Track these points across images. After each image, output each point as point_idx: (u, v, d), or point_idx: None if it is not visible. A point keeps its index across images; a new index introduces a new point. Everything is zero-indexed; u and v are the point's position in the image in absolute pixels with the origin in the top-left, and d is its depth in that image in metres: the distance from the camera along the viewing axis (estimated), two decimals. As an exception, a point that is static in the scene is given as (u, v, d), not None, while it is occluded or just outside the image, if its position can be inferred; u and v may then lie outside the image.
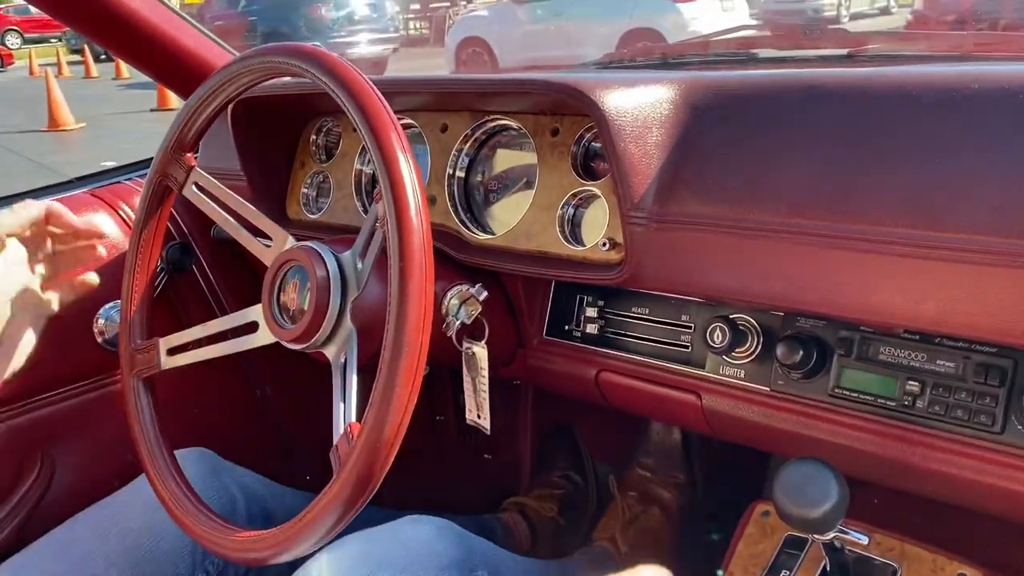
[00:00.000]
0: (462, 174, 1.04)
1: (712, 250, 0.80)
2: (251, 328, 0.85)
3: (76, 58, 16.21)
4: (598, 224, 0.92)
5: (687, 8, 8.40)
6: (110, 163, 0.86)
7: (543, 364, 1.03)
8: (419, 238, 0.69)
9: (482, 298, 0.94)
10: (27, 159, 7.55)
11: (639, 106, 0.84)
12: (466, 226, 1.02)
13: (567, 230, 0.94)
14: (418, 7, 15.13)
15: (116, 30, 1.22)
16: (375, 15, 12.05)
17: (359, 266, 0.79)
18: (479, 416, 1.01)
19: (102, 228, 1.03)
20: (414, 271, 0.68)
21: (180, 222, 1.33)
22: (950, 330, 0.71)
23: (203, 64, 1.27)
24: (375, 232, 0.76)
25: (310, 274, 0.78)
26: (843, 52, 1.13)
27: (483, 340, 0.97)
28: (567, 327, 1.00)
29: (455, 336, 0.95)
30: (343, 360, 0.77)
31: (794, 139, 0.78)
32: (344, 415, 0.73)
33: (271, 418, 1.44)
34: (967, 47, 1.22)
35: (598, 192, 0.92)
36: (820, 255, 0.74)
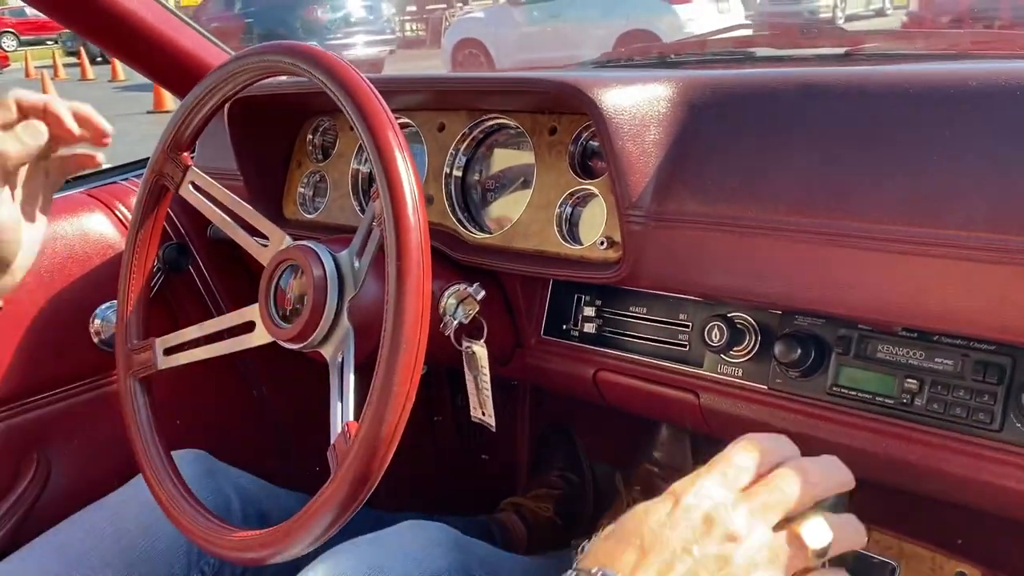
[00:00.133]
0: (459, 173, 1.04)
1: (710, 248, 0.80)
2: (248, 328, 0.84)
3: (72, 60, 16.19)
4: (596, 223, 0.91)
5: (683, 10, 8.44)
6: (106, 163, 0.84)
7: (541, 363, 1.02)
8: (417, 236, 0.69)
9: (480, 297, 0.94)
10: (23, 160, 7.52)
11: (637, 104, 0.84)
12: (463, 225, 1.02)
13: (565, 229, 0.94)
14: (414, 9, 15.16)
15: (114, 30, 1.22)
16: (371, 17, 12.07)
17: (356, 265, 0.78)
18: (483, 413, 1.00)
19: (98, 228, 1.02)
20: (411, 269, 0.68)
21: (176, 222, 1.33)
22: (949, 327, 0.71)
23: (200, 64, 1.27)
24: (372, 231, 0.75)
25: (307, 273, 0.78)
26: (840, 51, 1.13)
27: (481, 339, 0.97)
28: (565, 326, 1.00)
29: (453, 335, 0.95)
30: (340, 359, 0.77)
31: (792, 137, 0.78)
32: (342, 414, 0.73)
33: (268, 418, 1.44)
34: (964, 45, 1.22)
35: (596, 191, 0.91)
36: (818, 253, 0.74)
